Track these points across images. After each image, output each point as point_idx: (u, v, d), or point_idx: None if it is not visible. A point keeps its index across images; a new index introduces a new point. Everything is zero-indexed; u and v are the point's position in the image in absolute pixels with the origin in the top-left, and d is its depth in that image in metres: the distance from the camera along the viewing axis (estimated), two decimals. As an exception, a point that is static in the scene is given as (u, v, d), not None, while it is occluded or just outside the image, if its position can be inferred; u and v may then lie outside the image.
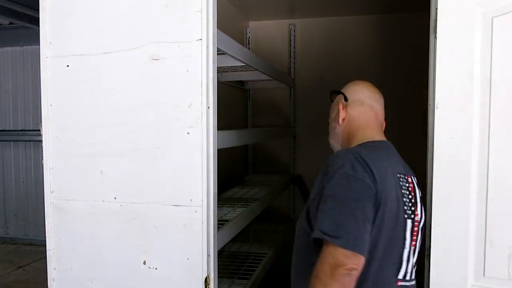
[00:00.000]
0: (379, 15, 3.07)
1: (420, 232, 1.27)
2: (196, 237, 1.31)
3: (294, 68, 3.24)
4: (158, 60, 1.33)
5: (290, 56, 3.25)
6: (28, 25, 4.14)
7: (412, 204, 1.23)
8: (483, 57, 1.30)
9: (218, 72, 1.88)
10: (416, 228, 1.24)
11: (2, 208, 5.29)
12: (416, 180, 1.29)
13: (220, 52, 1.49)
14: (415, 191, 1.26)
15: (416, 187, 1.27)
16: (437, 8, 1.35)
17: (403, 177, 1.24)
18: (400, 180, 1.22)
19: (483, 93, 1.31)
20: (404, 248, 1.19)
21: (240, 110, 3.27)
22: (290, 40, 3.24)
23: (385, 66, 3.00)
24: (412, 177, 1.28)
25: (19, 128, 5.19)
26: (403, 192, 1.21)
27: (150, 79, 1.34)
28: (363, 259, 1.04)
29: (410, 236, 1.21)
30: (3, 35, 4.93)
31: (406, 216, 1.20)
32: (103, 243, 1.41)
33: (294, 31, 3.24)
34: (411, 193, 1.24)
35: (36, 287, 3.80)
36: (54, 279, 1.47)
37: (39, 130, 1.48)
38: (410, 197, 1.23)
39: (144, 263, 1.37)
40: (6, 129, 5.23)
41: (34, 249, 4.85)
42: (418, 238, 1.25)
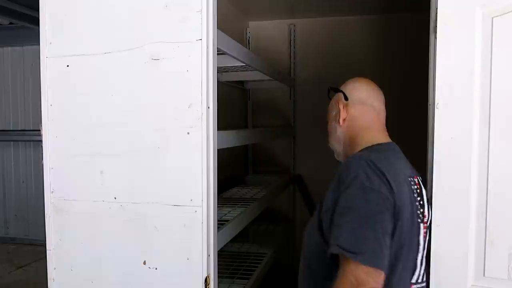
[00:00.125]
0: (379, 15, 3.07)
1: (428, 232, 1.25)
2: (196, 237, 1.31)
3: (294, 68, 3.24)
4: (158, 60, 1.33)
5: (290, 56, 3.24)
6: (28, 25, 4.13)
7: (421, 206, 1.21)
8: (483, 57, 1.30)
9: (218, 72, 1.88)
10: (425, 230, 1.22)
11: (2, 208, 5.29)
12: (421, 179, 1.27)
13: (220, 52, 1.49)
14: (421, 192, 1.24)
15: (422, 187, 1.25)
16: (437, 8, 1.35)
17: (412, 179, 1.22)
18: (411, 184, 1.19)
19: (483, 93, 1.31)
20: (418, 252, 1.18)
21: (240, 110, 3.27)
22: (290, 40, 3.24)
23: (385, 66, 3.00)
24: (418, 177, 1.26)
25: (19, 128, 5.18)
26: (414, 196, 1.19)
27: (150, 79, 1.34)
28: (384, 274, 1.02)
29: (423, 239, 1.20)
30: (3, 35, 4.92)
31: (419, 220, 1.18)
32: (103, 243, 1.41)
33: (294, 31, 3.23)
34: (420, 195, 1.22)
35: (36, 287, 3.80)
36: (54, 279, 1.47)
37: (39, 130, 1.48)
38: (419, 199, 1.20)
39: (144, 263, 1.37)
40: (6, 129, 5.23)
41: (34, 249, 4.84)
42: (427, 240, 1.24)
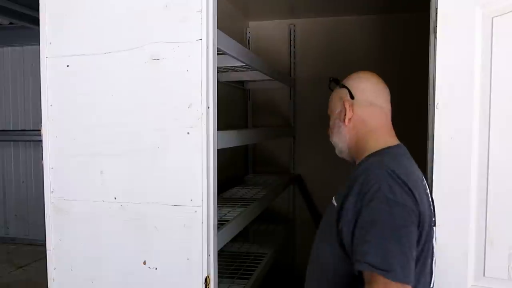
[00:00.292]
0: (379, 15, 3.07)
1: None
2: (196, 237, 1.31)
3: (294, 68, 3.24)
4: (158, 60, 1.33)
5: (290, 56, 3.24)
6: (28, 25, 4.13)
7: (434, 209, 1.19)
8: (483, 57, 1.30)
9: (218, 72, 1.88)
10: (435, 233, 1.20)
11: (2, 208, 5.28)
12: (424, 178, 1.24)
13: (220, 52, 1.49)
14: (431, 194, 1.21)
15: (427, 186, 1.22)
16: (437, 8, 1.35)
17: (425, 182, 1.19)
18: (425, 188, 1.17)
19: (483, 93, 1.31)
20: (433, 256, 1.16)
21: (240, 110, 3.27)
22: (290, 40, 3.24)
23: (384, 66, 2.98)
24: (423, 177, 1.22)
25: (19, 128, 5.18)
26: (429, 200, 1.16)
27: (150, 79, 1.34)
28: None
29: (435, 242, 1.18)
30: (3, 35, 4.92)
31: (433, 224, 1.16)
32: (103, 243, 1.41)
33: (294, 31, 3.23)
34: (431, 197, 1.19)
35: (36, 287, 3.80)
36: (54, 279, 1.47)
37: (39, 130, 1.48)
38: (429, 201, 1.17)
39: (144, 263, 1.37)
40: (6, 129, 5.23)
41: (34, 249, 4.84)
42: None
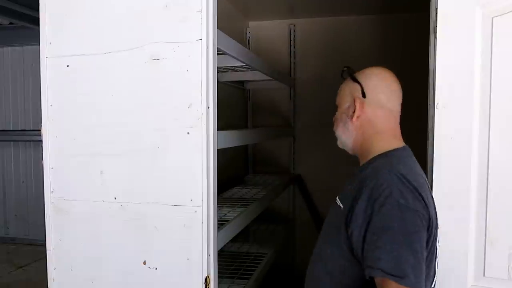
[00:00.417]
0: (379, 15, 3.07)
1: None
2: (196, 237, 1.31)
3: (294, 68, 3.24)
4: (158, 60, 1.33)
5: (290, 56, 3.24)
6: (28, 25, 4.13)
7: (436, 211, 1.19)
8: (483, 57, 1.30)
9: (218, 72, 1.88)
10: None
11: (2, 208, 5.28)
12: None
13: (220, 52, 1.49)
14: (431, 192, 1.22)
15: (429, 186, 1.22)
16: (437, 8, 1.35)
17: (427, 181, 1.19)
18: (430, 189, 1.18)
19: (483, 93, 1.31)
20: (436, 258, 1.17)
21: (240, 110, 3.27)
22: (290, 40, 3.24)
23: (385, 66, 2.99)
24: (426, 177, 1.22)
25: (19, 128, 5.18)
26: (433, 201, 1.17)
27: (150, 79, 1.34)
28: None
29: (438, 243, 1.18)
30: (3, 35, 4.92)
31: (437, 226, 1.16)
32: (103, 243, 1.41)
33: (294, 31, 3.23)
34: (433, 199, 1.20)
35: (36, 287, 3.80)
36: (54, 279, 1.47)
37: (39, 130, 1.48)
38: (434, 203, 1.18)
39: (144, 263, 1.37)
40: (6, 129, 5.23)
41: (34, 249, 4.84)
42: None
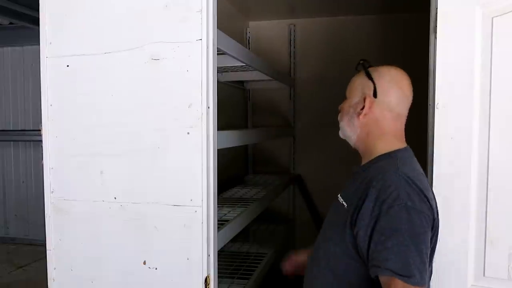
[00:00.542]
0: (379, 15, 3.07)
1: None
2: (196, 237, 1.31)
3: (294, 68, 3.24)
4: (158, 60, 1.33)
5: (290, 56, 3.24)
6: (28, 25, 4.13)
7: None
8: (483, 57, 1.30)
9: (218, 72, 1.88)
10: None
11: (2, 208, 5.28)
12: None
13: (220, 52, 1.49)
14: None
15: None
16: (437, 8, 1.35)
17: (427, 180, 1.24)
18: (432, 190, 1.23)
19: (483, 93, 1.31)
20: (433, 256, 1.22)
21: (240, 110, 3.27)
22: (290, 40, 3.24)
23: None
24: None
25: (19, 128, 5.18)
26: (436, 201, 1.21)
27: (150, 79, 1.34)
28: None
29: (438, 242, 1.23)
30: (3, 35, 4.92)
31: (438, 225, 1.21)
32: (103, 243, 1.41)
33: (294, 31, 3.23)
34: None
35: (36, 287, 3.80)
36: (54, 279, 1.47)
37: (39, 130, 1.48)
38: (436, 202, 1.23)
39: (144, 263, 1.37)
40: (6, 129, 5.23)
41: (34, 249, 4.84)
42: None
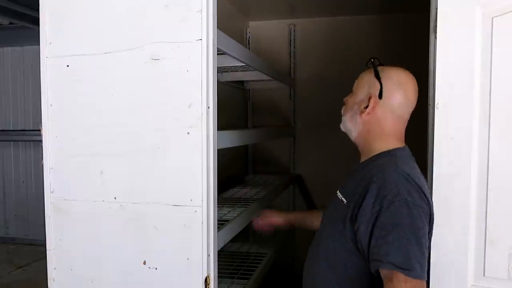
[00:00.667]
0: (379, 15, 3.07)
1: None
2: (196, 237, 1.31)
3: (294, 68, 3.24)
4: (158, 60, 1.33)
5: (290, 56, 3.24)
6: (28, 25, 4.13)
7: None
8: (483, 57, 1.30)
9: (218, 72, 1.88)
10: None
11: (2, 208, 5.29)
12: None
13: (220, 52, 1.49)
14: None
15: None
16: (437, 8, 1.35)
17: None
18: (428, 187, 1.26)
19: (483, 93, 1.31)
20: (429, 251, 1.26)
21: (240, 110, 3.27)
22: (290, 40, 3.24)
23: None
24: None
25: (19, 128, 5.19)
26: (431, 197, 1.26)
27: (150, 79, 1.34)
28: (425, 282, 1.12)
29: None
30: (3, 35, 4.93)
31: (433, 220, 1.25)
32: (103, 243, 1.41)
33: (294, 31, 3.23)
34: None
35: (36, 287, 3.80)
36: (54, 279, 1.47)
37: (39, 130, 1.48)
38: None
39: (144, 263, 1.37)
40: (6, 129, 5.23)
41: (34, 249, 4.85)
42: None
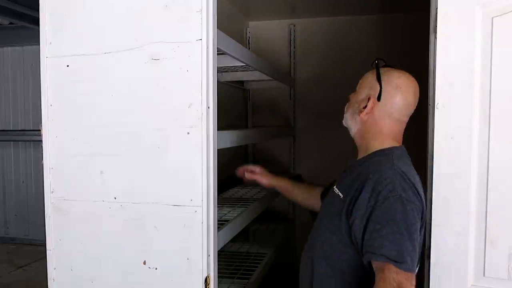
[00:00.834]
0: (379, 15, 3.07)
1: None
2: (196, 237, 1.31)
3: (294, 68, 3.24)
4: (158, 60, 1.33)
5: (290, 56, 3.24)
6: (28, 25, 4.13)
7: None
8: (483, 57, 1.30)
9: (218, 72, 1.88)
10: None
11: (2, 208, 5.29)
12: None
13: (220, 52, 1.49)
14: None
15: None
16: (437, 8, 1.35)
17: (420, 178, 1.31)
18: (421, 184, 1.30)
19: (483, 92, 1.31)
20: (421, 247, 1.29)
21: (240, 110, 3.27)
22: (290, 40, 3.24)
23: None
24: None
25: (19, 128, 5.18)
26: (425, 196, 1.29)
27: (150, 79, 1.34)
28: (415, 275, 1.17)
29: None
30: (3, 35, 4.92)
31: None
32: (103, 243, 1.41)
33: (294, 31, 3.23)
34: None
35: (36, 287, 3.80)
36: (54, 279, 1.47)
37: (39, 130, 1.48)
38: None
39: (144, 263, 1.37)
40: (6, 129, 5.23)
41: (34, 249, 4.84)
42: None
